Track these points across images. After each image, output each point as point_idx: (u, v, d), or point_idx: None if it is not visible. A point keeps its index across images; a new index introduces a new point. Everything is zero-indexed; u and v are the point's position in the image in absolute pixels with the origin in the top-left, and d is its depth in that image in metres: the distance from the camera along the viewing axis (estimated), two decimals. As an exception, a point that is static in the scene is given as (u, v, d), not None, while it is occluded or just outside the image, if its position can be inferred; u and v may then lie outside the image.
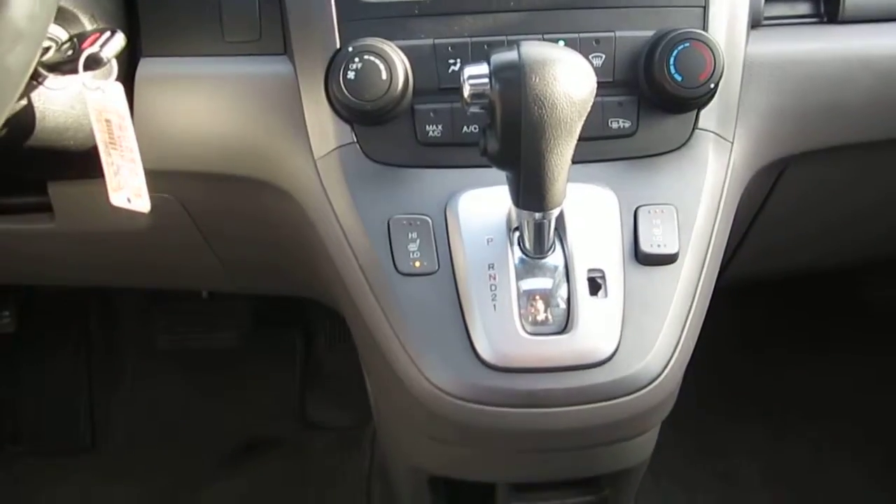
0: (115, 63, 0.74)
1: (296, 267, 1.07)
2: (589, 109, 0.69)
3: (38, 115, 0.77)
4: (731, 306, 1.68)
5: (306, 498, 1.68)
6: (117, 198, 0.80)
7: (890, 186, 1.09)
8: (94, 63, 0.72)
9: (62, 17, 0.79)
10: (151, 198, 0.84)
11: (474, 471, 0.96)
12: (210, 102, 0.88)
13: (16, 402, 1.84)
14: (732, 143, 0.87)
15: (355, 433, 1.74)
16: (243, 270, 1.16)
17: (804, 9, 0.92)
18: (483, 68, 0.68)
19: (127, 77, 0.82)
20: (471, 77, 0.69)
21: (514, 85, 0.66)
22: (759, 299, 1.76)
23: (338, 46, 0.83)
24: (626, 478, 1.02)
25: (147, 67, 0.85)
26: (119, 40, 0.74)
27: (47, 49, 0.74)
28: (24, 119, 0.75)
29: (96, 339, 1.88)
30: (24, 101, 0.74)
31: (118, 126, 0.76)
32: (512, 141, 0.68)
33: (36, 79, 0.75)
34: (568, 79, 0.66)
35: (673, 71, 0.80)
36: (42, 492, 1.71)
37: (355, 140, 0.84)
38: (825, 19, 0.92)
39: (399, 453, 1.03)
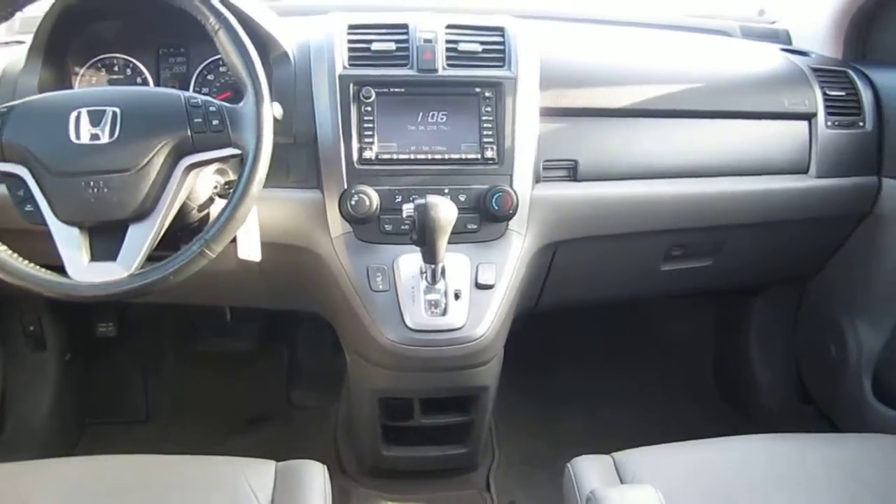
0: None
1: (312, 292, 1.58)
2: (454, 223, 1.27)
3: None
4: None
5: (291, 451, 1.87)
6: (243, 254, 1.44)
7: (610, 258, 1.73)
8: None
9: (222, 172, 1.37)
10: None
11: (402, 389, 1.59)
12: (282, 210, 1.45)
13: (93, 385, 2.23)
14: (525, 235, 1.47)
15: (324, 410, 2.23)
16: (278, 294, 1.71)
17: (562, 174, 1.53)
18: (411, 206, 1.28)
19: None
20: (406, 209, 1.30)
21: (423, 214, 1.25)
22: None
23: (345, 187, 1.41)
24: (479, 403, 1.66)
25: None
26: None
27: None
28: None
29: (148, 343, 2.31)
30: None
31: (251, 224, 1.42)
32: (422, 235, 1.27)
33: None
34: (445, 212, 1.25)
35: (494, 204, 1.43)
36: (110, 449, 1.93)
37: (352, 230, 1.44)
38: (572, 179, 1.53)
39: (363, 382, 1.60)
